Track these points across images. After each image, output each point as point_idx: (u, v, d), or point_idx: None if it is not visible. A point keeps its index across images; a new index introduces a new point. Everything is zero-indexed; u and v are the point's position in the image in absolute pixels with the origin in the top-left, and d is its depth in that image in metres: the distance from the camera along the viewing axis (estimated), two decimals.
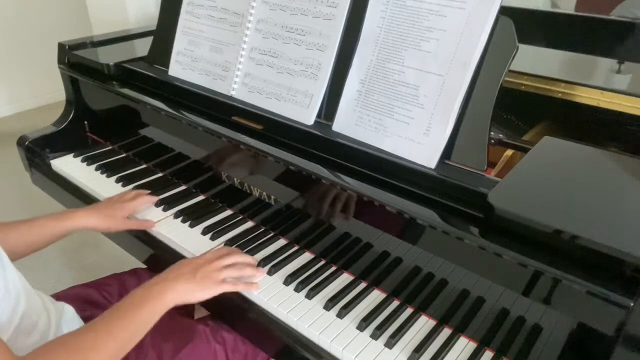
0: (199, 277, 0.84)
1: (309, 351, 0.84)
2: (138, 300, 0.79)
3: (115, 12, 1.97)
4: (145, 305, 0.78)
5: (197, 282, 0.84)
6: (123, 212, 1.06)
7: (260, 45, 1.07)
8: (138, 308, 0.78)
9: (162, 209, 1.13)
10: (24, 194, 2.60)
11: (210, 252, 0.92)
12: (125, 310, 0.77)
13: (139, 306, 0.78)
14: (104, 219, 1.04)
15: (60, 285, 1.44)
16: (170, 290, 0.81)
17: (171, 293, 0.81)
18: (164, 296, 0.80)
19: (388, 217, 0.84)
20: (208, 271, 0.86)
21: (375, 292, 0.92)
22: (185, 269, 0.86)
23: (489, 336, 0.80)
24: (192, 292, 0.83)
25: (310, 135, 0.96)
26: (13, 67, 3.58)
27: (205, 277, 0.85)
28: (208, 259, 0.89)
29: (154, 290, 0.81)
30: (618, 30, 1.29)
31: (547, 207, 0.72)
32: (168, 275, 0.84)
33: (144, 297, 0.79)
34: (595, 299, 0.65)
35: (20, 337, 0.74)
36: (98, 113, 1.43)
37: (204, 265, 0.87)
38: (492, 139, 0.92)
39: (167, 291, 0.81)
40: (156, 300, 0.79)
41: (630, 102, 0.98)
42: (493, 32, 0.80)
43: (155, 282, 0.83)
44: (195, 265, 0.87)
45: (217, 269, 0.87)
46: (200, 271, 0.85)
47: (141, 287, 0.81)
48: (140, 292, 0.80)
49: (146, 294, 0.80)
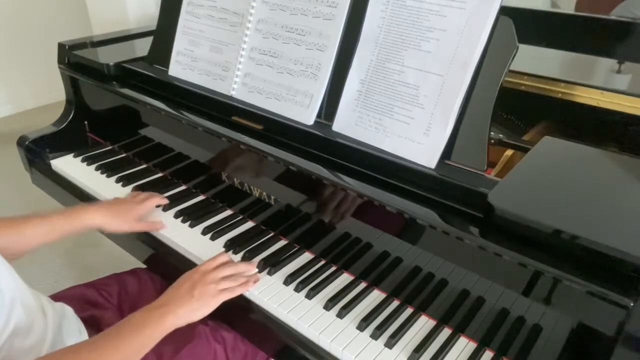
0: (197, 295, 0.84)
1: (309, 351, 0.84)
2: (138, 323, 0.78)
3: (115, 12, 1.97)
4: (145, 329, 0.78)
5: (196, 300, 0.83)
6: (134, 213, 1.05)
7: (260, 45, 1.07)
8: (137, 332, 0.77)
9: (162, 209, 1.13)
10: (24, 194, 2.60)
11: (206, 263, 0.91)
12: (125, 333, 0.77)
13: (139, 330, 0.78)
14: (114, 218, 1.02)
15: (60, 285, 1.44)
16: (171, 315, 0.80)
17: (172, 317, 0.80)
18: (165, 321, 0.80)
19: (388, 217, 0.84)
20: (205, 287, 0.85)
21: (375, 292, 0.92)
22: (183, 289, 0.85)
23: (489, 336, 0.80)
24: (193, 313, 0.83)
25: (310, 135, 0.96)
26: (13, 67, 3.58)
27: (203, 293, 0.84)
28: (204, 271, 0.88)
29: (154, 315, 0.80)
30: (618, 30, 1.29)
31: (547, 207, 0.72)
32: (168, 299, 0.83)
33: (144, 322, 0.79)
34: (595, 299, 0.65)
35: (16, 339, 0.74)
36: (98, 113, 1.43)
37: (201, 280, 0.86)
38: (492, 139, 0.92)
39: (168, 316, 0.80)
40: (157, 325, 0.79)
41: (630, 102, 0.98)
42: (493, 32, 0.80)
43: (155, 306, 0.82)
44: (193, 282, 0.86)
45: (213, 282, 0.86)
46: (197, 288, 0.84)
47: (142, 311, 0.81)
48: (140, 316, 0.80)
49: (146, 319, 0.79)
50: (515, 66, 0.89)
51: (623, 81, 1.17)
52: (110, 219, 1.02)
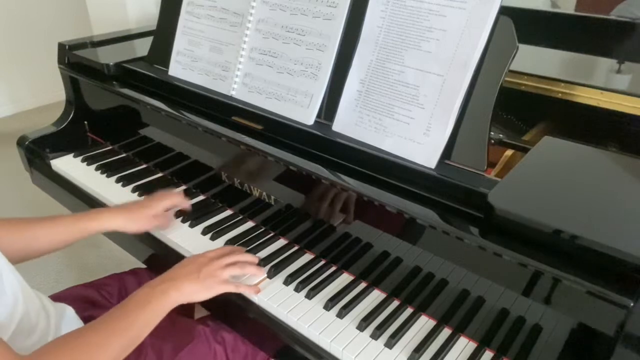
0: (202, 276, 0.84)
1: (309, 351, 0.84)
2: (142, 299, 0.79)
3: (115, 12, 1.97)
4: (149, 304, 0.78)
5: (201, 282, 0.84)
6: (150, 211, 1.01)
7: (260, 45, 1.07)
8: (142, 307, 0.78)
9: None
10: (24, 194, 2.60)
11: (214, 250, 0.92)
12: (129, 310, 0.77)
13: (143, 305, 0.78)
14: (131, 220, 1.00)
15: (60, 285, 1.44)
16: (174, 290, 0.81)
17: (175, 293, 0.81)
18: (168, 296, 0.80)
19: (388, 217, 0.84)
20: (211, 270, 0.86)
21: (375, 292, 0.92)
22: (188, 268, 0.85)
23: (489, 336, 0.80)
24: (196, 292, 0.84)
25: (310, 135, 0.96)
26: (13, 67, 3.58)
27: (208, 276, 0.85)
28: (211, 257, 0.89)
29: (157, 290, 0.81)
30: (618, 30, 1.29)
31: (547, 207, 0.72)
32: (172, 275, 0.84)
33: (148, 297, 0.79)
34: (595, 299, 0.65)
35: (18, 338, 0.74)
36: (98, 113, 1.43)
37: (207, 263, 0.87)
38: (492, 139, 0.92)
39: (171, 291, 0.81)
40: (160, 300, 0.79)
41: (630, 102, 0.98)
42: (493, 32, 0.80)
43: (159, 281, 0.83)
44: (199, 264, 0.86)
45: (220, 267, 0.87)
46: (204, 270, 0.85)
47: (145, 287, 0.81)
48: (143, 292, 0.80)
49: (150, 294, 0.80)
50: (515, 66, 0.89)
51: (623, 81, 1.17)
52: (126, 220, 0.99)
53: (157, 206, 1.03)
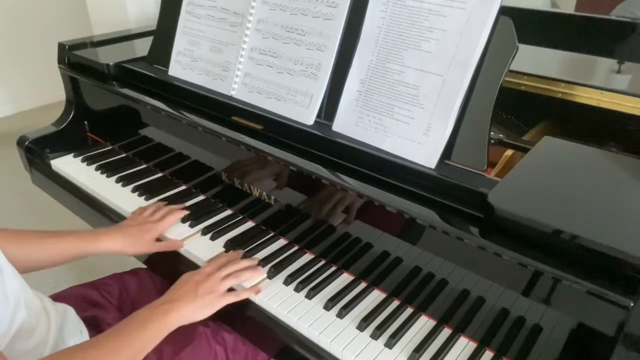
0: (201, 294, 0.84)
1: (309, 351, 0.84)
2: (142, 321, 0.79)
3: (115, 12, 1.97)
4: (149, 326, 0.79)
5: (200, 300, 0.84)
6: (152, 234, 1.02)
7: (260, 45, 1.07)
8: (141, 329, 0.78)
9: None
10: (24, 194, 2.60)
11: (209, 265, 0.91)
12: (129, 330, 0.78)
13: (143, 327, 0.78)
14: (131, 244, 0.99)
15: (60, 285, 1.43)
16: (174, 311, 0.81)
17: (174, 315, 0.81)
18: (168, 319, 0.80)
19: (388, 217, 0.84)
20: (209, 287, 0.86)
21: (375, 292, 0.92)
22: (186, 288, 0.85)
23: (489, 336, 0.80)
24: (196, 312, 0.83)
25: (310, 135, 0.96)
26: (13, 67, 3.58)
27: (206, 293, 0.85)
28: (207, 272, 0.88)
29: (158, 311, 0.81)
30: (618, 30, 1.29)
31: (547, 207, 0.72)
32: (171, 297, 0.84)
33: (148, 319, 0.80)
34: (595, 299, 0.65)
35: (19, 341, 0.74)
36: (98, 113, 1.43)
37: (204, 280, 0.86)
38: (492, 139, 0.92)
39: (171, 313, 0.81)
40: (159, 323, 0.80)
41: (630, 102, 0.98)
42: (493, 32, 0.80)
43: (160, 302, 0.83)
44: (195, 282, 0.86)
45: (217, 281, 0.87)
46: (200, 288, 0.85)
47: (146, 308, 0.81)
48: (144, 313, 0.80)
49: (150, 316, 0.80)
50: (515, 66, 0.89)
51: (623, 81, 1.17)
52: (127, 245, 0.99)
53: (159, 228, 1.04)
